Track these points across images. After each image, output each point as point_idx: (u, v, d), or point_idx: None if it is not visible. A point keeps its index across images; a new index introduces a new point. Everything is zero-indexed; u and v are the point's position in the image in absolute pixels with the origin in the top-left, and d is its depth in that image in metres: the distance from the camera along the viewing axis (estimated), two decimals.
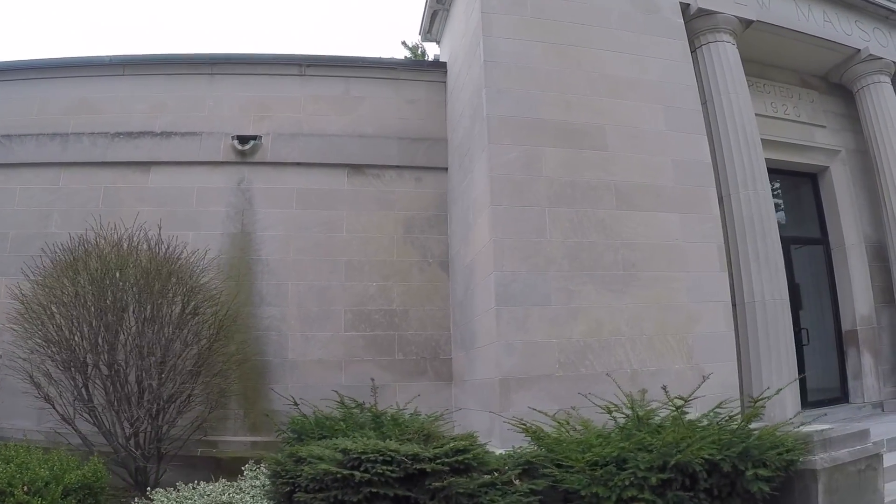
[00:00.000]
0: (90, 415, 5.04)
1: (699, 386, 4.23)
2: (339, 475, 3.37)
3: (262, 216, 6.45)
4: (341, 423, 4.71)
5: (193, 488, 4.70)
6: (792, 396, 5.62)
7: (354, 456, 3.43)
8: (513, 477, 3.57)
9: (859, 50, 7.50)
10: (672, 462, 3.42)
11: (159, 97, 6.69)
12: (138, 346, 5.14)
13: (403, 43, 12.07)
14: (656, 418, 4.18)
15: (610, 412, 4.23)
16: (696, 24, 6.49)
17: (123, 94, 6.71)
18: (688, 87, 5.97)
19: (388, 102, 6.85)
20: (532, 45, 5.62)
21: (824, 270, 7.70)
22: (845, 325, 7.51)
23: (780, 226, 8.14)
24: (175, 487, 4.67)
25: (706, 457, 3.46)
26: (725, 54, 6.39)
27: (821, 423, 5.41)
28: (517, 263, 5.03)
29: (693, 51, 6.56)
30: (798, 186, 8.10)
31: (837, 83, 7.92)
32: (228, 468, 5.22)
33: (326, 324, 6.32)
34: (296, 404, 5.50)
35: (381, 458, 3.36)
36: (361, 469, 3.36)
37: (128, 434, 5.01)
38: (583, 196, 5.29)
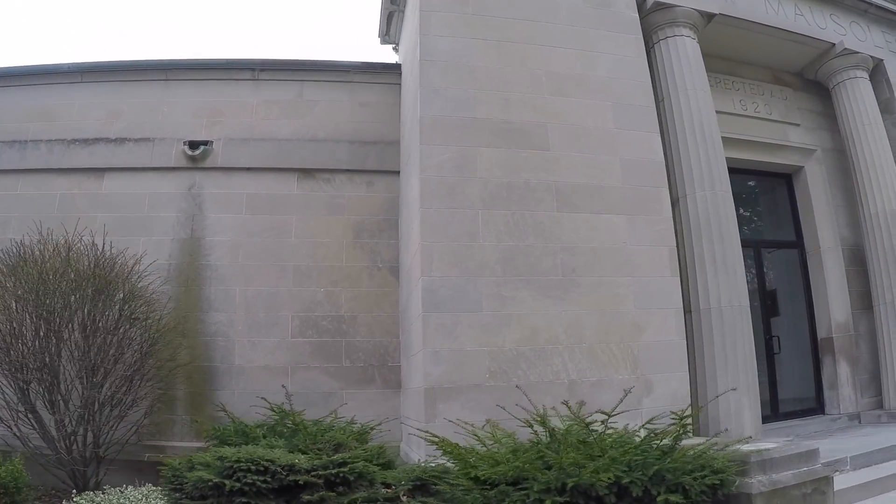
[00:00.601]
0: (30, 418, 4.91)
1: (621, 400, 3.83)
2: (211, 483, 3.12)
3: (211, 221, 6.27)
4: (257, 430, 4.49)
5: (121, 492, 4.55)
6: (751, 410, 5.19)
7: (228, 464, 3.17)
8: (402, 493, 3.24)
9: (834, 44, 7.00)
10: (571, 484, 3.06)
11: (115, 104, 6.59)
12: (71, 351, 5.02)
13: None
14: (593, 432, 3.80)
15: (531, 425, 3.87)
16: (654, 19, 6.10)
17: (81, 100, 6.62)
18: (640, 83, 5.59)
19: (341, 105, 6.62)
20: (472, 43, 5.32)
21: (799, 275, 7.17)
22: (821, 333, 6.97)
23: (752, 228, 7.69)
24: (103, 490, 4.54)
25: (611, 479, 3.08)
26: (684, 49, 5.98)
27: (770, 441, 4.95)
28: (446, 268, 4.71)
29: (651, 46, 6.18)
30: (773, 187, 7.59)
31: (813, 80, 7.42)
32: None
33: (273, 330, 6.10)
34: (224, 410, 5.30)
35: (254, 467, 3.10)
36: (234, 478, 3.10)
37: (63, 437, 4.88)
38: (520, 198, 4.95)
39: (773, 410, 6.65)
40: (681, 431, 3.58)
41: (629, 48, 5.69)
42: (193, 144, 6.33)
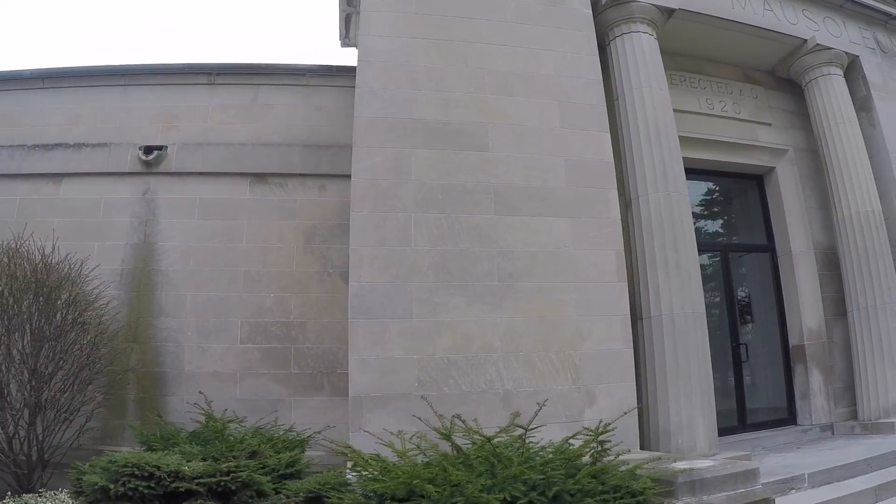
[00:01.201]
0: None
1: (537, 412, 3.52)
2: (98, 486, 2.95)
3: (164, 226, 6.13)
4: (180, 436, 4.32)
5: (40, 495, 4.38)
6: (705, 422, 4.82)
7: (115, 468, 2.99)
8: None
9: (805, 40, 6.61)
10: (460, 502, 2.78)
11: (75, 109, 6.51)
12: (13, 356, 4.90)
13: None
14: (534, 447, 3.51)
15: (448, 438, 3.59)
16: (610, 15, 5.79)
17: (42, 106, 6.56)
18: (590, 81, 5.29)
19: (296, 109, 6.45)
20: (413, 43, 5.09)
21: (771, 280, 6.75)
22: (793, 340, 6.55)
23: (721, 232, 7.28)
24: (39, 493, 4.39)
25: (502, 499, 2.79)
26: (640, 46, 5.66)
27: (725, 455, 4.61)
28: (376, 273, 4.47)
29: (608, 43, 5.88)
30: (745, 189, 7.20)
31: (786, 78, 7.02)
32: None
33: (223, 336, 5.92)
34: (159, 416, 5.12)
35: (139, 472, 2.91)
36: (119, 483, 2.91)
37: (4, 440, 4.77)
38: (456, 200, 4.69)
39: (741, 422, 6.25)
40: (593, 448, 3.27)
41: (580, 45, 5.40)
42: (148, 149, 6.20)
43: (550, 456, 3.20)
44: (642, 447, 4.90)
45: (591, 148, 5.08)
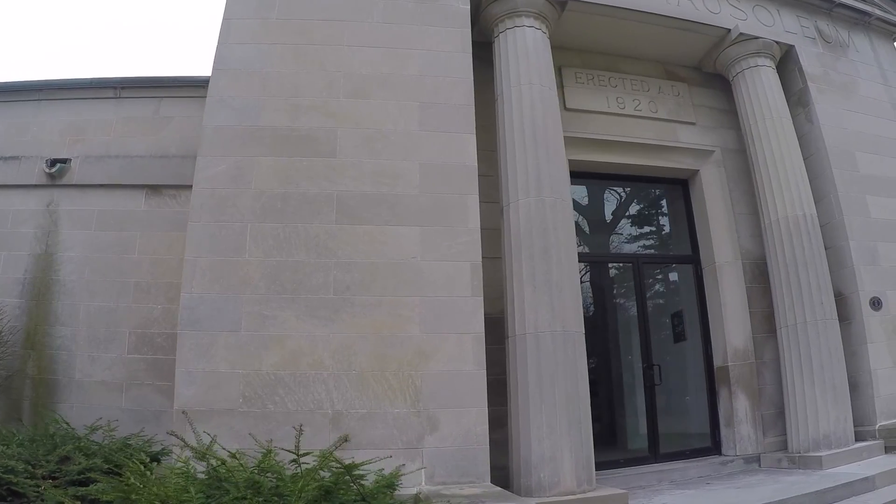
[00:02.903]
0: None
1: (336, 446, 3.12)
2: None
3: (64, 237, 6.09)
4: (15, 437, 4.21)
5: None
6: (573, 454, 4.19)
7: None
8: None
9: (729, 30, 5.92)
10: None
11: None
12: None
13: None
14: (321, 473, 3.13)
15: (203, 457, 3.25)
16: (494, 9, 5.32)
17: None
18: (459, 80, 4.84)
19: (193, 121, 6.20)
20: (270, 49, 4.81)
21: (695, 294, 6.04)
22: (717, 361, 5.79)
23: (634, 243, 6.54)
24: None
25: None
26: (524, 41, 5.15)
27: (602, 490, 4.01)
28: (208, 284, 4.17)
29: (493, 39, 5.41)
30: (670, 196, 6.51)
31: (713, 73, 6.32)
32: None
33: (112, 345, 5.79)
34: (20, 420, 4.99)
35: None
36: None
37: None
38: (296, 210, 4.35)
39: (653, 451, 5.54)
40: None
41: (452, 43, 4.97)
42: (52, 162, 6.19)
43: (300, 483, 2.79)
44: (508, 480, 4.38)
45: (453, 151, 4.62)
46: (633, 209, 6.51)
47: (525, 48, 5.10)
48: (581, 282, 6.03)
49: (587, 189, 6.36)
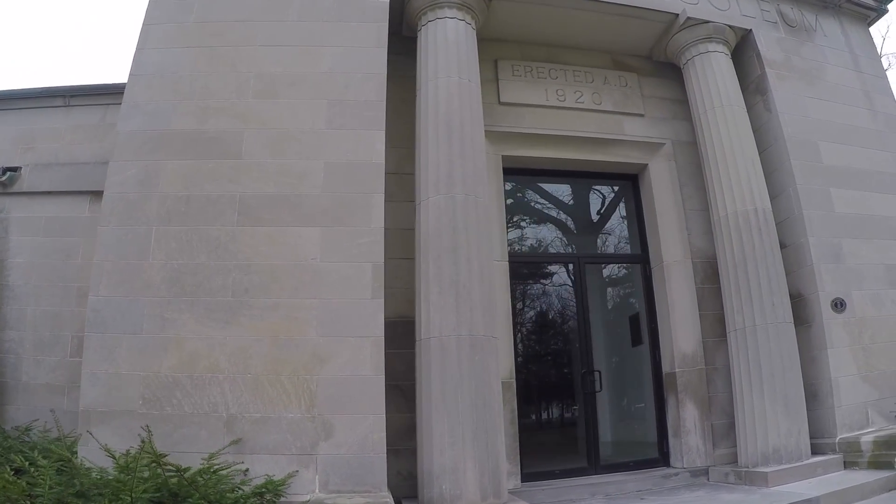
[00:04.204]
0: None
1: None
2: None
3: (14, 244, 6.52)
4: None
5: None
6: (478, 464, 4.18)
7: None
8: None
9: (677, 15, 5.82)
10: None
11: None
12: None
13: None
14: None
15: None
16: (418, 2, 5.39)
17: None
18: (371, 75, 4.94)
19: None
20: (185, 53, 5.04)
21: (643, 296, 5.94)
22: (665, 367, 5.67)
23: (577, 241, 6.44)
24: None
25: None
26: (444, 33, 5.21)
27: None
28: (113, 287, 4.40)
29: (417, 32, 5.49)
30: (621, 192, 6.42)
31: (665, 62, 6.21)
32: None
33: (55, 349, 6.16)
34: None
35: None
36: None
37: None
38: (199, 212, 4.54)
39: (592, 462, 5.45)
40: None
41: (367, 38, 5.08)
42: (3, 171, 6.63)
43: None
44: (415, 490, 4.43)
45: (360, 149, 4.73)
46: (580, 207, 6.44)
47: (445, 40, 5.17)
48: (525, 284, 6.04)
49: (533, 187, 6.33)
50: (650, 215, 5.95)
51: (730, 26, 5.85)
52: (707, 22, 5.77)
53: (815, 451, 5.19)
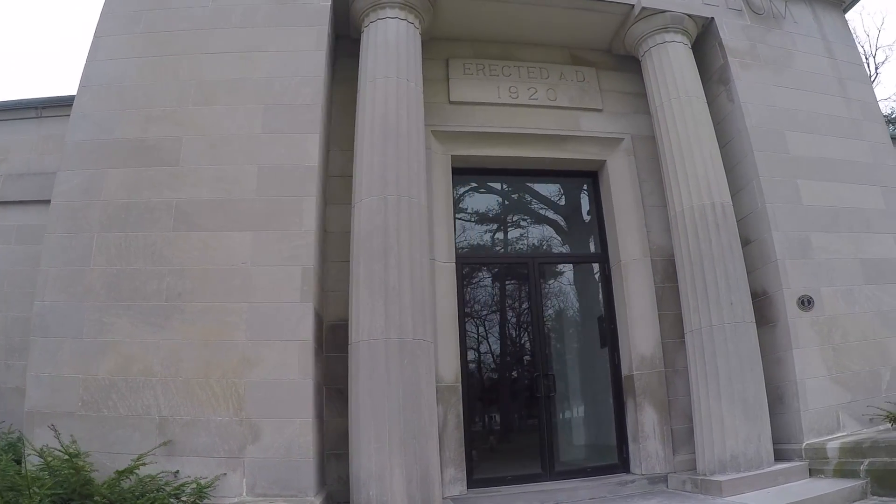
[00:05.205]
0: None
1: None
2: None
3: None
4: None
5: None
6: (405, 471, 4.28)
7: None
8: None
9: (633, 5, 5.84)
10: None
11: None
12: None
13: None
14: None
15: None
16: (360, 4, 5.56)
17: None
18: (308, 79, 5.15)
19: None
20: (132, 63, 5.35)
21: (601, 296, 5.94)
22: (624, 369, 5.66)
23: (533, 241, 6.45)
24: None
25: None
26: (385, 34, 5.37)
27: None
28: (57, 293, 4.73)
29: (361, 34, 5.67)
30: (581, 189, 6.43)
31: (624, 55, 6.22)
32: None
33: (25, 354, 6.50)
34: None
35: None
36: None
37: None
38: (137, 219, 4.82)
39: (547, 468, 5.47)
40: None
41: (306, 42, 5.29)
42: None
43: None
44: (346, 497, 4.57)
45: (295, 152, 4.93)
46: (537, 206, 6.48)
47: (385, 41, 5.33)
48: (476, 285, 6.12)
49: (487, 187, 6.42)
50: (609, 213, 5.96)
51: (689, 15, 5.82)
52: (664, 11, 5.76)
53: (781, 457, 5.12)
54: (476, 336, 5.91)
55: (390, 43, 5.32)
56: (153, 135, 5.06)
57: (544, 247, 6.27)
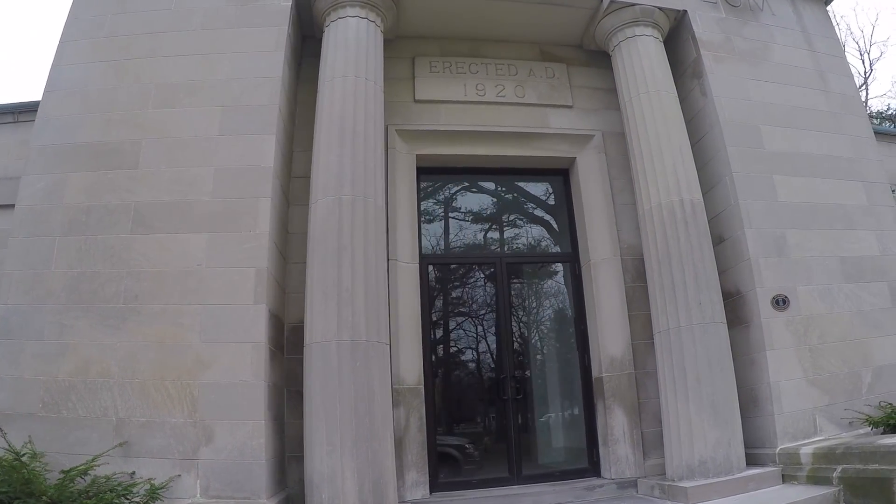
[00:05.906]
0: None
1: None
2: None
3: None
4: None
5: None
6: (357, 474, 4.37)
7: None
8: None
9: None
10: None
11: None
12: None
13: None
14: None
15: None
16: (321, 3, 5.67)
17: None
18: (265, 80, 5.28)
19: None
20: (95, 67, 5.54)
21: (571, 296, 5.97)
22: (595, 371, 5.69)
23: (503, 240, 6.49)
24: None
25: None
26: (345, 33, 5.47)
27: None
28: (19, 296, 4.91)
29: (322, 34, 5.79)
30: (551, 187, 6.46)
31: (596, 50, 6.24)
32: None
33: None
34: None
35: None
36: None
37: None
38: (97, 222, 5.00)
39: (514, 472, 5.53)
40: None
41: (265, 43, 5.43)
42: None
43: None
44: (301, 499, 4.67)
45: (251, 153, 5.06)
46: (506, 205, 6.52)
47: (345, 40, 5.43)
48: (442, 286, 6.19)
49: (454, 186, 6.48)
50: (579, 211, 5.99)
51: (659, 8, 5.81)
52: (633, 5, 5.77)
53: (754, 462, 5.10)
54: (442, 337, 5.98)
55: (350, 42, 5.43)
56: (114, 138, 5.24)
57: (513, 246, 6.32)
